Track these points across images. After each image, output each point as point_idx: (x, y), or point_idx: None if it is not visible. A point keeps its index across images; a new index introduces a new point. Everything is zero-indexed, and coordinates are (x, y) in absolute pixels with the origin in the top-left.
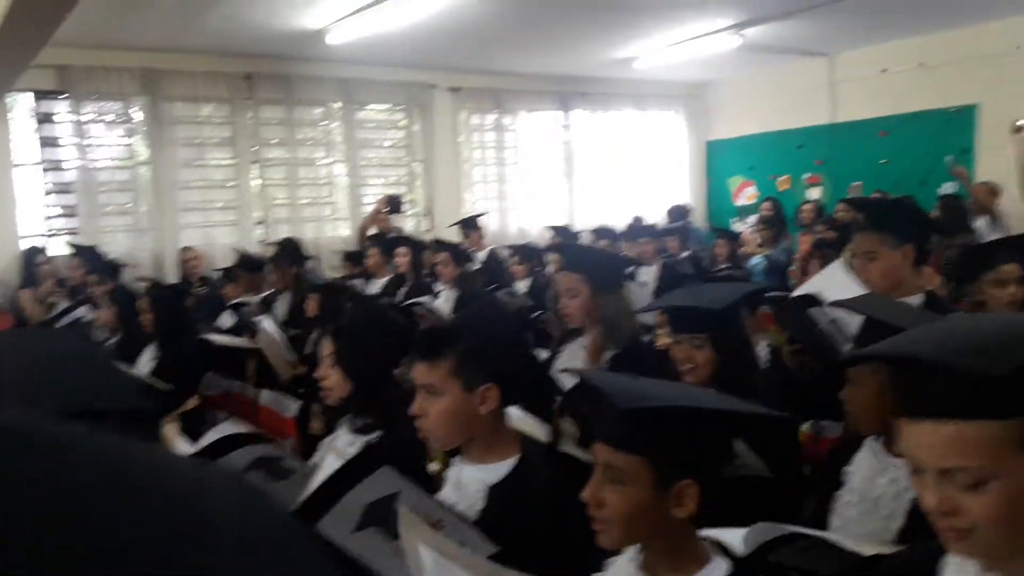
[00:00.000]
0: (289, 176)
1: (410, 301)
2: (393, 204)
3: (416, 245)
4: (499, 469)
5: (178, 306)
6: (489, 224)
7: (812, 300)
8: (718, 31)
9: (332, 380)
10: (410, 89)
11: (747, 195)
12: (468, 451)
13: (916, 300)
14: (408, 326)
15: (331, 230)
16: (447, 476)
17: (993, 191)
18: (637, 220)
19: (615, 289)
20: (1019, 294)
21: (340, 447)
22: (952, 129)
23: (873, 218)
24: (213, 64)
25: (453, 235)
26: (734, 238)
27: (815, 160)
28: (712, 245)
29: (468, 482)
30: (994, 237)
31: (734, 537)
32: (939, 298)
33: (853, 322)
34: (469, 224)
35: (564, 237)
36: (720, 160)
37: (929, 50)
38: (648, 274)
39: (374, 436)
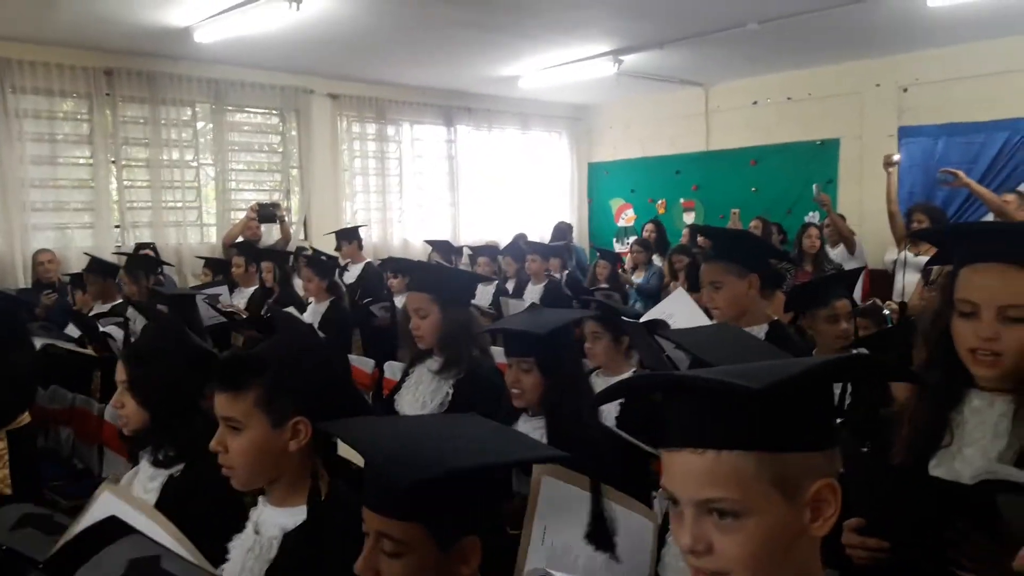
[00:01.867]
0: (152, 178)
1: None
2: (265, 212)
3: (283, 256)
4: (299, 513)
5: (14, 313)
6: (370, 236)
7: (660, 325)
8: (597, 56)
9: (127, 409)
10: (285, 93)
11: (627, 217)
12: (272, 491)
13: (761, 329)
14: (208, 351)
15: (196, 236)
16: (250, 517)
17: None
18: (521, 237)
19: (462, 308)
20: (850, 329)
21: (143, 481)
22: (817, 161)
23: (719, 248)
24: (69, 57)
25: (330, 245)
26: (614, 259)
27: (691, 185)
28: (593, 265)
29: (266, 526)
30: (851, 267)
31: None
32: (783, 327)
33: None
34: (346, 235)
35: (443, 252)
36: (602, 182)
37: (796, 85)
38: (534, 292)
39: (176, 470)
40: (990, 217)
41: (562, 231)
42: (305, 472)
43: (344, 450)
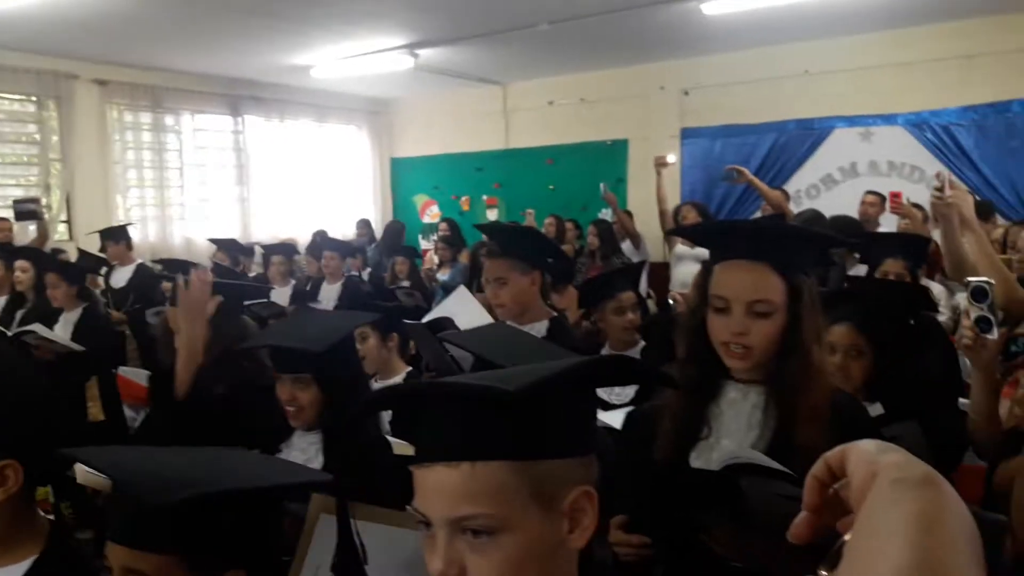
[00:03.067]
0: None
1: (21, 329)
2: (22, 209)
3: (41, 258)
4: (17, 572)
5: None
6: (147, 235)
7: (445, 325)
8: (392, 49)
9: None
10: (43, 78)
11: (431, 213)
12: None
13: (542, 325)
14: None
15: None
16: None
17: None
18: (320, 234)
19: (233, 320)
20: (636, 320)
21: None
22: (609, 160)
23: (504, 245)
24: None
25: (95, 245)
26: (413, 255)
27: (493, 183)
28: (392, 263)
29: None
30: (637, 260)
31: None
32: (563, 323)
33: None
34: (111, 234)
35: (229, 251)
36: (405, 177)
37: (589, 87)
38: (331, 292)
39: None
40: (760, 214)
41: (396, 230)
42: (19, 524)
43: None
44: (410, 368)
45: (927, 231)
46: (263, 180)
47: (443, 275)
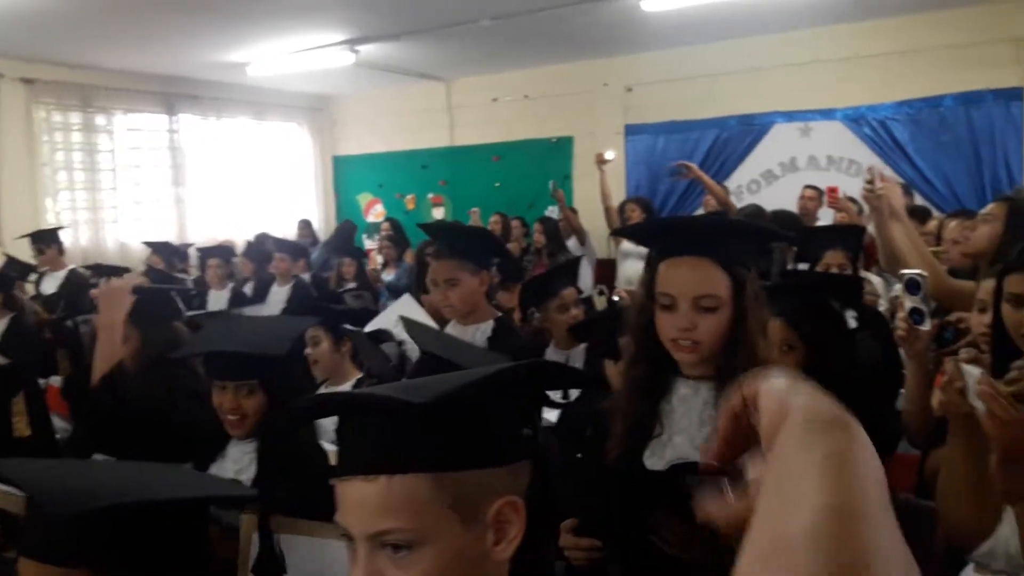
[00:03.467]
0: None
1: None
2: None
3: None
4: None
5: None
6: (79, 238)
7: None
8: (332, 45)
9: None
10: None
11: (376, 212)
12: None
13: (488, 326)
14: None
15: None
16: None
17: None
18: (264, 237)
19: (163, 327)
20: (579, 316)
21: None
22: (554, 157)
23: (452, 246)
24: None
25: (24, 251)
26: (359, 255)
27: (439, 180)
28: (338, 264)
29: None
30: (581, 255)
31: None
32: (508, 324)
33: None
34: (44, 238)
35: (164, 255)
36: (348, 176)
37: (532, 83)
38: (281, 294)
39: None
40: (703, 211)
41: (348, 231)
42: None
43: None
44: (361, 375)
45: (862, 224)
46: (200, 180)
47: (388, 275)
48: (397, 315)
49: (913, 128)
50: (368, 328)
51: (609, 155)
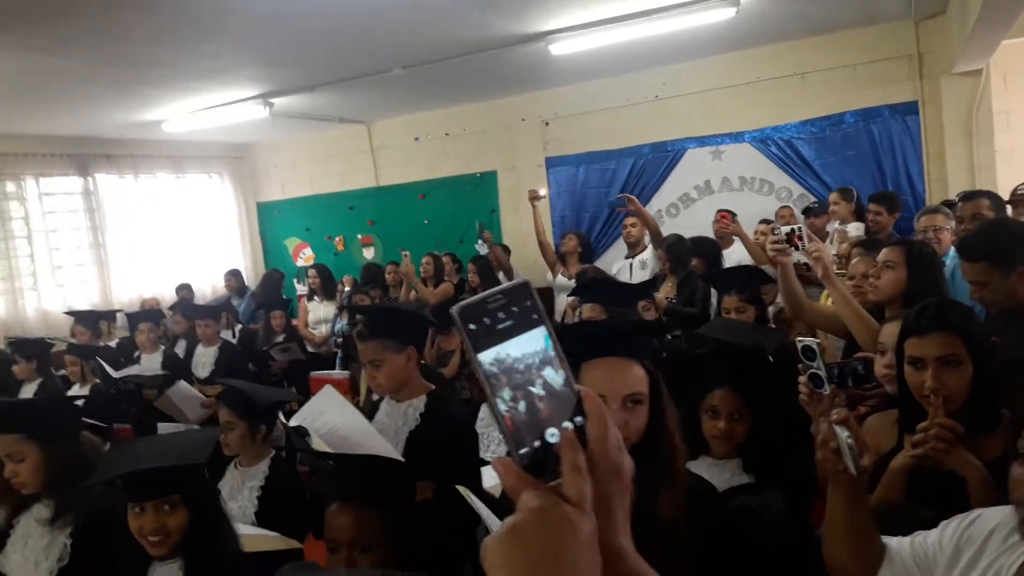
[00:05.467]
0: None
1: None
2: None
3: None
4: None
5: None
6: None
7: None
8: (245, 100)
9: None
10: None
11: (305, 256)
12: None
13: (420, 401)
14: None
15: None
16: None
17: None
18: (184, 288)
19: (69, 438)
20: None
21: None
22: (480, 192)
23: (373, 327)
24: None
25: None
26: (285, 306)
27: (367, 221)
28: (267, 317)
29: None
30: None
31: None
32: (442, 396)
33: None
34: None
35: (88, 323)
36: (274, 222)
37: (452, 121)
38: (208, 356)
39: None
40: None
41: (275, 280)
42: None
43: None
44: (273, 452)
45: (761, 256)
46: (121, 240)
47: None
48: (315, 411)
49: (818, 145)
50: (292, 422)
51: (542, 191)
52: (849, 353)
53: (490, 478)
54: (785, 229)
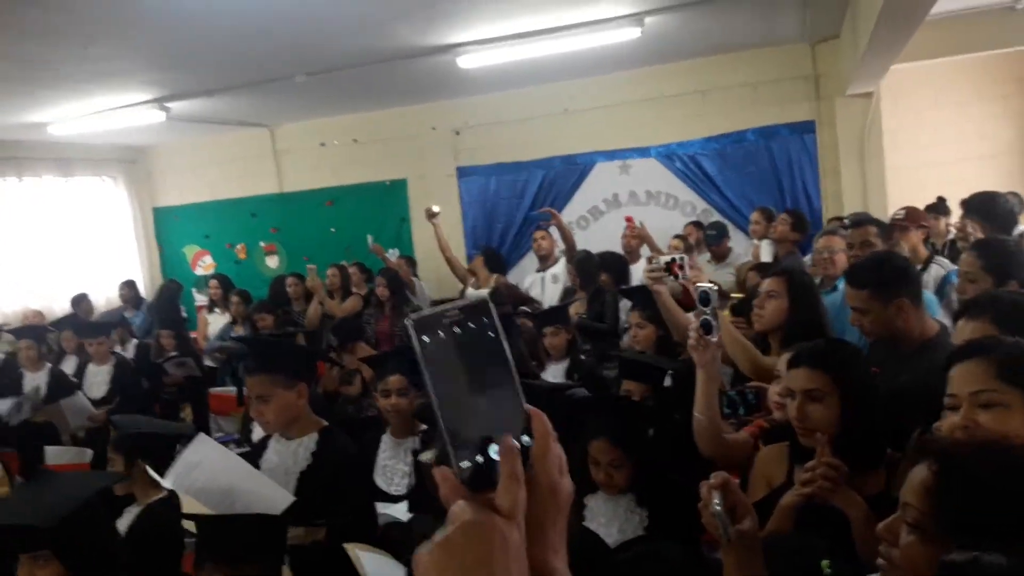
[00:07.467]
0: None
1: None
2: None
3: None
4: None
5: None
6: None
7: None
8: (139, 104)
9: None
10: None
11: (205, 264)
12: None
13: (311, 439)
14: None
15: None
16: None
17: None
18: (80, 299)
19: None
20: (400, 404)
21: None
22: (390, 200)
23: (260, 361)
24: None
25: None
26: (180, 326)
27: (270, 228)
28: (156, 335)
29: None
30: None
31: None
32: (334, 435)
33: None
34: None
35: None
36: (172, 228)
37: (361, 128)
38: (100, 374)
39: None
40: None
41: (171, 293)
42: None
43: None
44: (163, 494)
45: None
46: (4, 247)
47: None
48: (189, 465)
49: (720, 161)
50: (166, 479)
51: (436, 208)
52: (737, 380)
53: (396, 511)
54: (665, 258)
